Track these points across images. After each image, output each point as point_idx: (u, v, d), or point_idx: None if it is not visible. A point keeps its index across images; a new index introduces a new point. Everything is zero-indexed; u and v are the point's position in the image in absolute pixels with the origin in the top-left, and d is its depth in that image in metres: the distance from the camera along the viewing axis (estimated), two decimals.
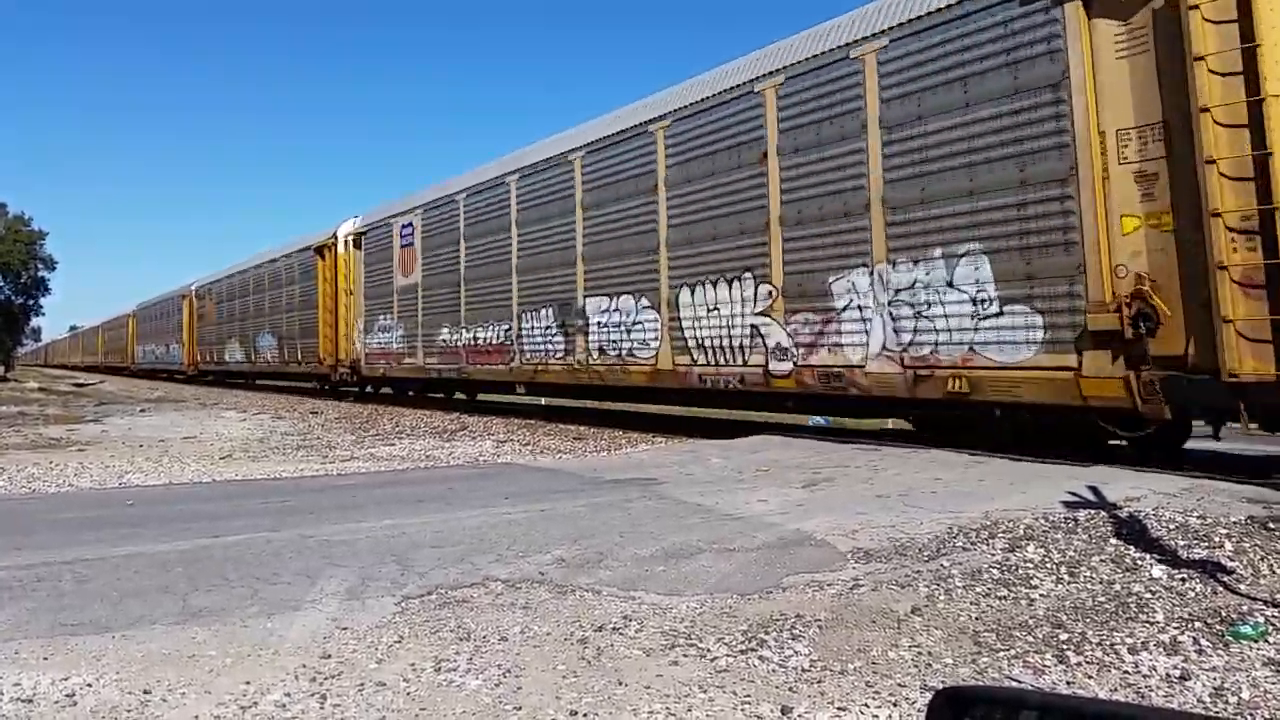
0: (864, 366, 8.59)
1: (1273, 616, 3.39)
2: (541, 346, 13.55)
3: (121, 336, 50.04)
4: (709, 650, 3.20)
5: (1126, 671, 3.00)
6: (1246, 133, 5.87)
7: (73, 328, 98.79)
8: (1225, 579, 3.86)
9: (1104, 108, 6.74)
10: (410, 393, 19.76)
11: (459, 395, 18.89)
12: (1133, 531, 4.57)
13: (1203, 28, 6.05)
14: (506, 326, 14.46)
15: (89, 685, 2.88)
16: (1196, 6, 6.05)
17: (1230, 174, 5.91)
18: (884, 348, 8.39)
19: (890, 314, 8.33)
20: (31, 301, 64.77)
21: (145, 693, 2.82)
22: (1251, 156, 5.82)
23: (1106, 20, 6.75)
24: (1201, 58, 6.01)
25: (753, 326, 9.89)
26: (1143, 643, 3.21)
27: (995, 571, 4.08)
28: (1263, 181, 5.78)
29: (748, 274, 9.97)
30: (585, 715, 2.68)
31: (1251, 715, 2.68)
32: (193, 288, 34.61)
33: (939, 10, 7.98)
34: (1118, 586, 3.82)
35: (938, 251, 7.92)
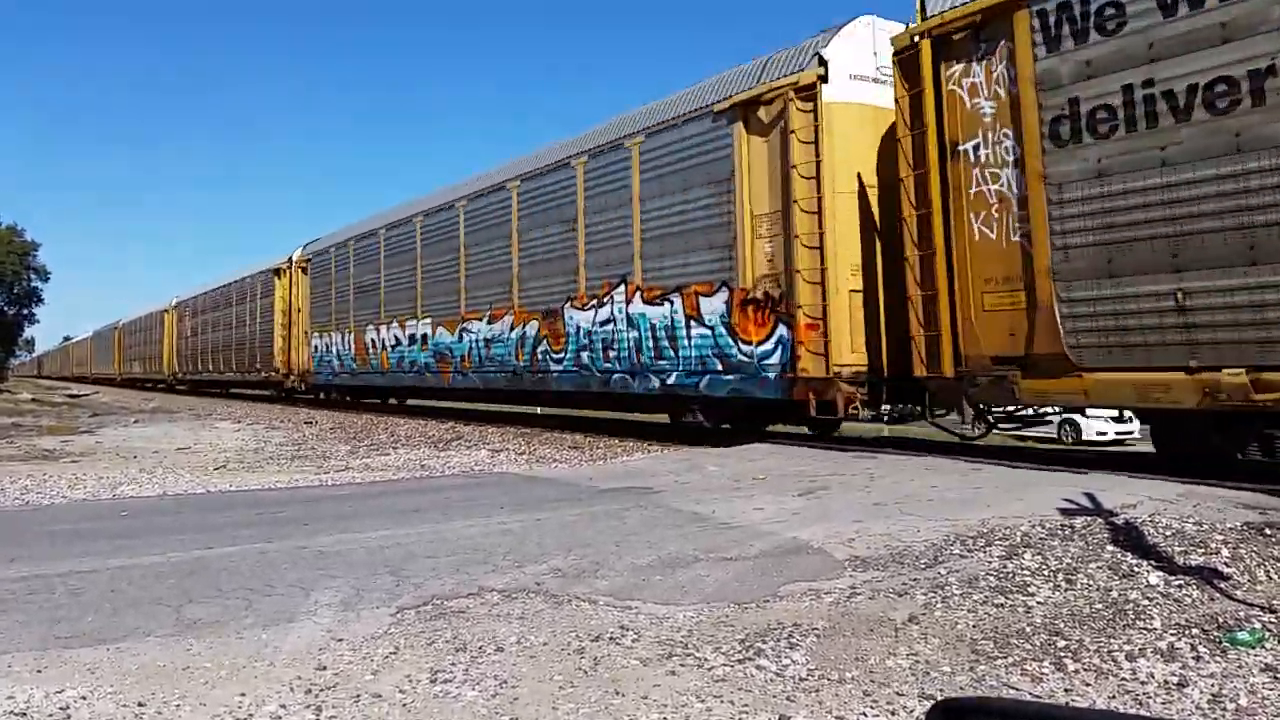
0: None
1: (1269, 622, 3.39)
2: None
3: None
4: (706, 660, 3.19)
5: (1124, 679, 2.99)
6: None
7: (66, 338, 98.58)
8: (1222, 585, 3.86)
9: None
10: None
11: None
12: (1129, 538, 4.57)
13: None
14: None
15: (83, 698, 2.86)
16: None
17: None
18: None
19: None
20: (25, 312, 64.63)
21: (140, 705, 2.80)
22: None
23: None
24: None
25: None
26: (1140, 649, 3.21)
27: (992, 579, 4.08)
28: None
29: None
30: None
31: None
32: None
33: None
34: (1115, 593, 3.82)
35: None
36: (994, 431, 8.76)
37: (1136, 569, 4.10)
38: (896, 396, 9.44)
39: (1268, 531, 4.55)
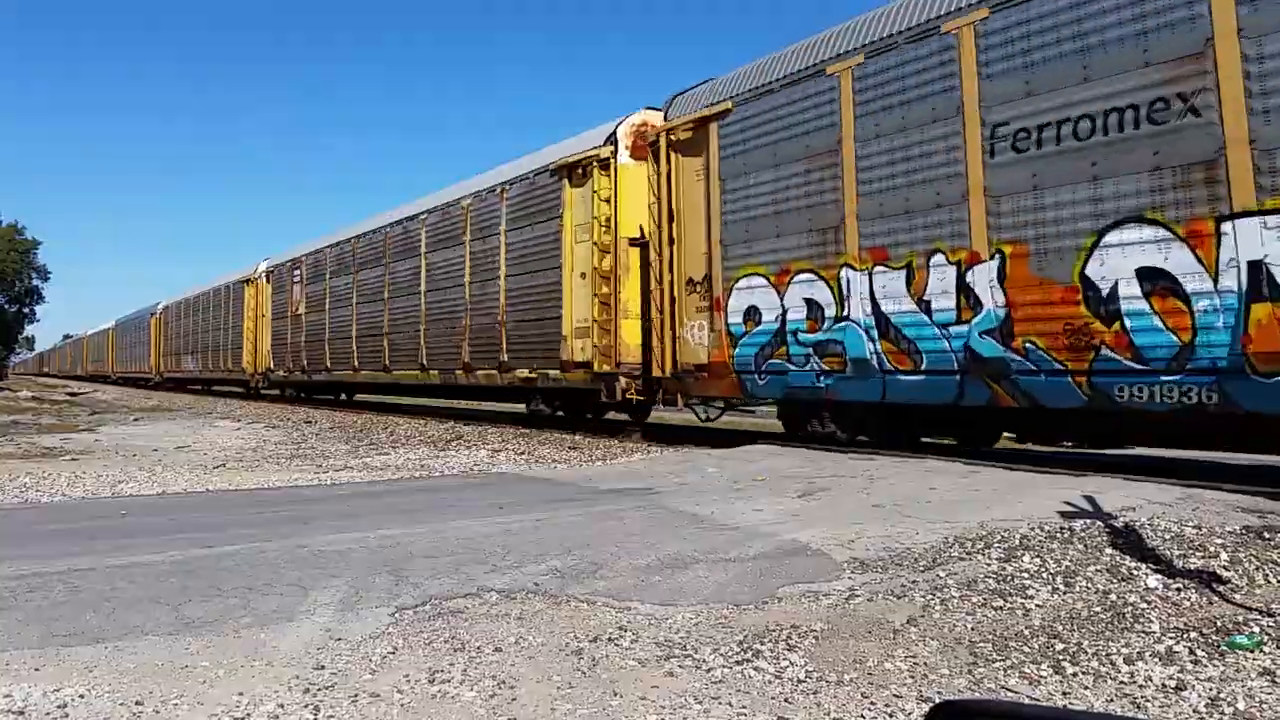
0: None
1: (1268, 626, 3.39)
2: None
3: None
4: (705, 661, 3.19)
5: (1122, 682, 2.99)
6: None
7: (66, 336, 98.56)
8: (1220, 589, 3.86)
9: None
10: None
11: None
12: (1128, 541, 4.57)
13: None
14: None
15: (81, 696, 2.86)
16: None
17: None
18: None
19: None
20: (25, 311, 64.66)
21: (137, 704, 2.80)
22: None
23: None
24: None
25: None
26: (1138, 653, 3.21)
27: (991, 582, 4.08)
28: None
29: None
30: None
31: None
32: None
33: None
34: (1113, 596, 3.82)
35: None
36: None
37: (1135, 572, 4.10)
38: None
39: (1266, 535, 4.55)
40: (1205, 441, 7.56)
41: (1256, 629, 3.37)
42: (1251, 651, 3.17)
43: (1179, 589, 3.87)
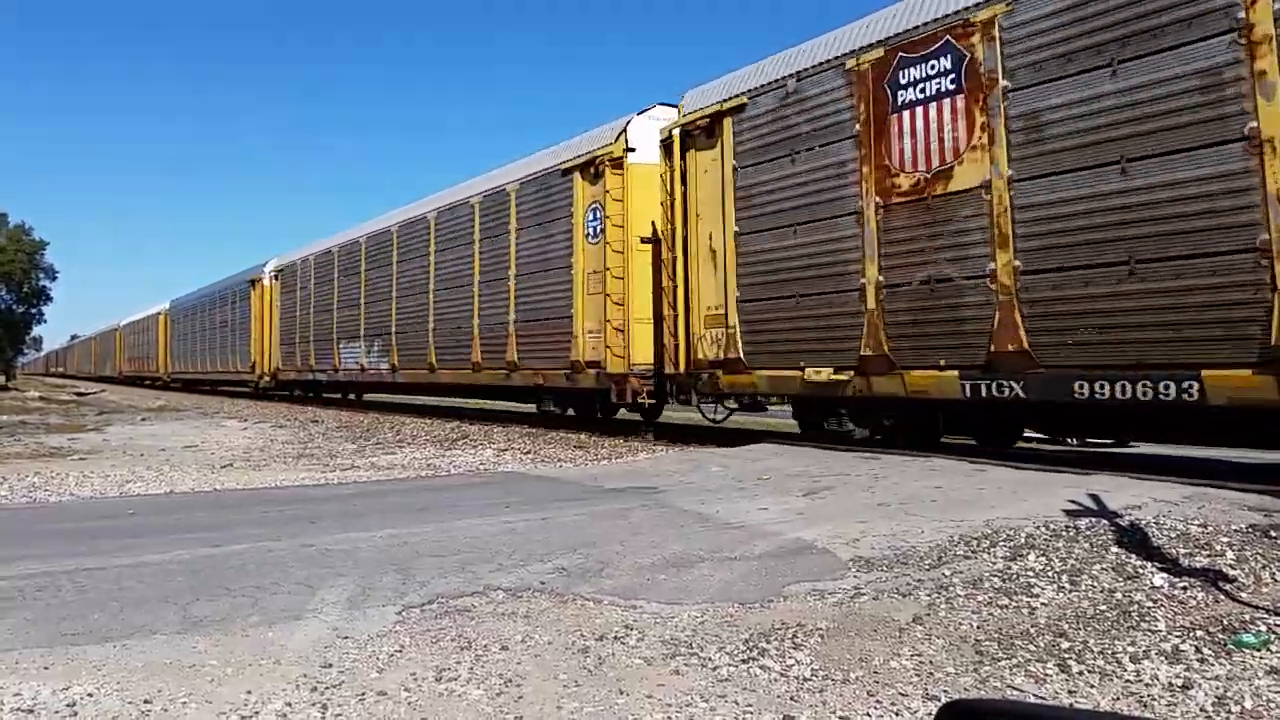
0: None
1: (1275, 625, 3.38)
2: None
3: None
4: (710, 659, 3.19)
5: (1128, 680, 2.99)
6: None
7: (73, 337, 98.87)
8: (1227, 587, 3.85)
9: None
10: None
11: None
12: (1134, 540, 4.56)
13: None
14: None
15: (90, 695, 2.87)
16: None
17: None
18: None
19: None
20: (33, 311, 64.87)
21: (146, 703, 2.82)
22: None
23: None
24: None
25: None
26: (1145, 651, 3.21)
27: (996, 580, 4.08)
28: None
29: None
30: None
31: None
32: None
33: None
34: (1119, 595, 3.82)
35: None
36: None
37: (1141, 571, 4.10)
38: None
39: (1273, 533, 4.54)
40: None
41: (1263, 627, 3.36)
42: (1258, 650, 3.17)
43: (1185, 587, 3.86)
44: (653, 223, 11.79)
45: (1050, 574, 4.13)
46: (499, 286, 14.94)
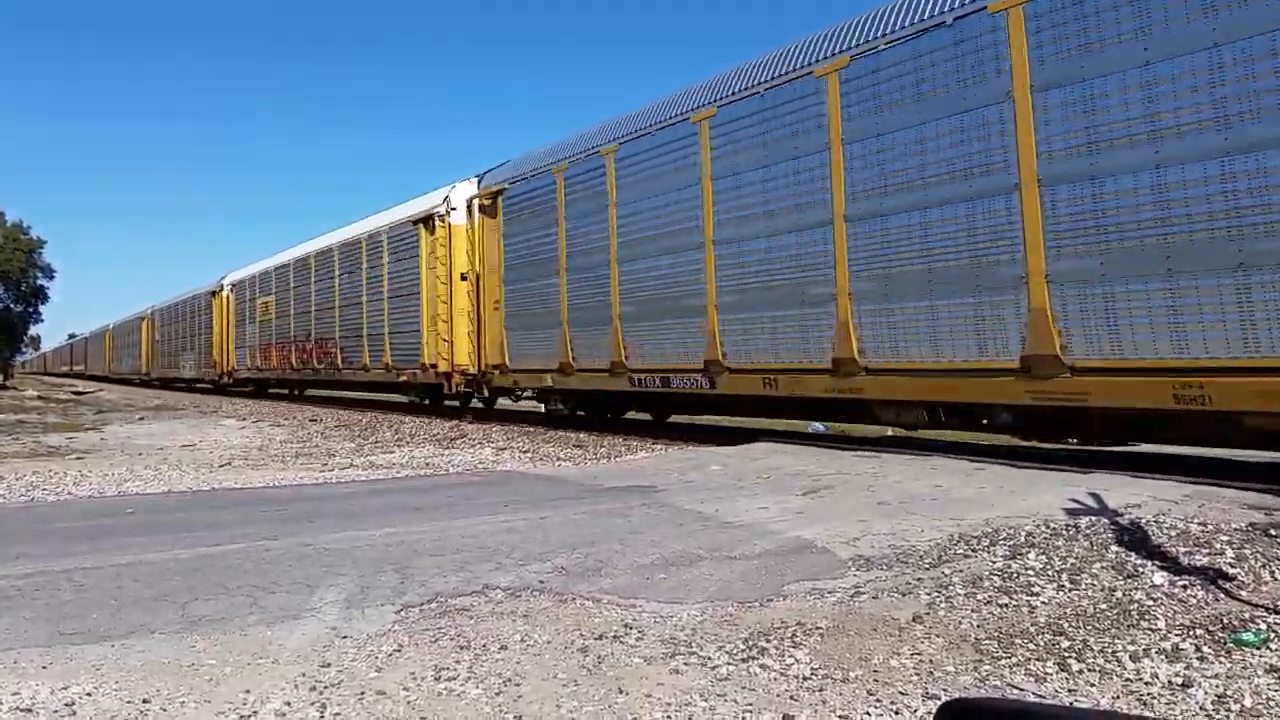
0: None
1: (1275, 623, 3.38)
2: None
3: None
4: (710, 658, 3.19)
5: (1128, 679, 2.99)
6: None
7: (71, 336, 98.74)
8: (1227, 586, 3.85)
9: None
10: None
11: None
12: (1134, 538, 4.56)
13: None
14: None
15: (88, 694, 2.87)
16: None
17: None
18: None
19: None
20: (30, 310, 64.80)
21: (145, 702, 2.81)
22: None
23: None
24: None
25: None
26: (1144, 650, 3.21)
27: (996, 579, 4.07)
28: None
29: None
30: None
31: None
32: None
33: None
34: (1119, 593, 3.82)
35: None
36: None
37: (1141, 569, 4.10)
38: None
39: (1273, 532, 4.54)
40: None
41: (1263, 626, 3.36)
42: (1258, 648, 3.17)
43: (1185, 586, 3.86)
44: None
45: (1050, 572, 4.12)
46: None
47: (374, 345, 19.38)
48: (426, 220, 17.07)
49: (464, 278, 15.98)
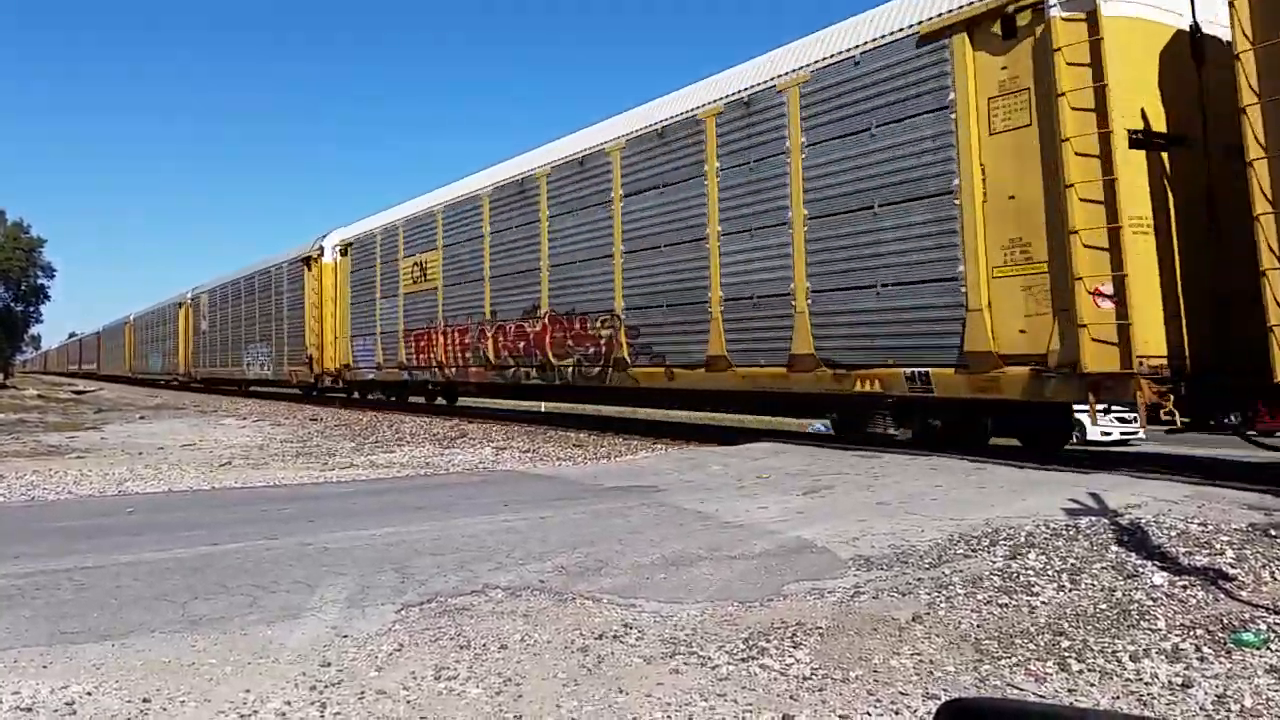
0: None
1: (1275, 623, 3.38)
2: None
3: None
4: (710, 658, 3.19)
5: (1128, 679, 2.99)
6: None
7: (71, 334, 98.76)
8: (1227, 586, 3.85)
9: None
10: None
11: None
12: (1134, 539, 4.56)
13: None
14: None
15: (89, 694, 2.87)
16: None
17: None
18: None
19: None
20: (31, 309, 64.82)
21: (145, 701, 2.81)
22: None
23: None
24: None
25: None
26: (1144, 650, 3.21)
27: (996, 579, 4.08)
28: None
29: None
30: None
31: None
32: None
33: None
34: (1119, 594, 3.82)
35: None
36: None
37: (1141, 569, 4.10)
38: None
39: (1273, 532, 4.54)
40: None
41: (1263, 626, 3.36)
42: (1258, 648, 3.17)
43: (1185, 586, 3.86)
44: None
45: (1050, 573, 4.12)
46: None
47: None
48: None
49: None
